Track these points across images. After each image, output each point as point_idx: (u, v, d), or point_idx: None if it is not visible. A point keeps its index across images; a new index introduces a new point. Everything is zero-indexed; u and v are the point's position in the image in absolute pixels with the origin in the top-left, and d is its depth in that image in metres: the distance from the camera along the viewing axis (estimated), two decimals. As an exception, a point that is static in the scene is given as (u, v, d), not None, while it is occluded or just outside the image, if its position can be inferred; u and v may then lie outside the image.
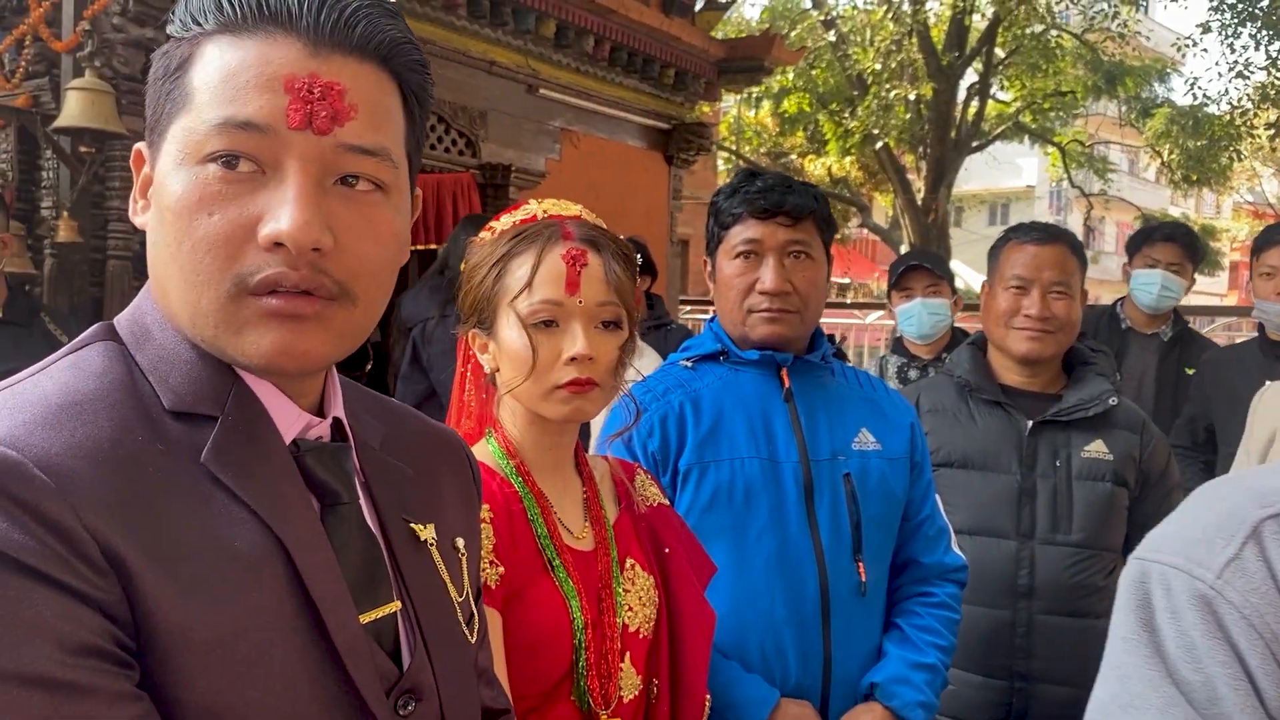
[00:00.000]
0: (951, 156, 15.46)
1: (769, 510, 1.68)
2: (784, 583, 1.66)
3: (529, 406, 1.33)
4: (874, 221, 19.37)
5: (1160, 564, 0.90)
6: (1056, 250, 2.19)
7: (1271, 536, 0.87)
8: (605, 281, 1.32)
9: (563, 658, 1.27)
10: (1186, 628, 0.86)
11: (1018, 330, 2.19)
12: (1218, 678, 0.84)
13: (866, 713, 1.65)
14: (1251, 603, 0.84)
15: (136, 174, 0.81)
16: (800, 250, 1.74)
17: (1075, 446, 2.14)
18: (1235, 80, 13.09)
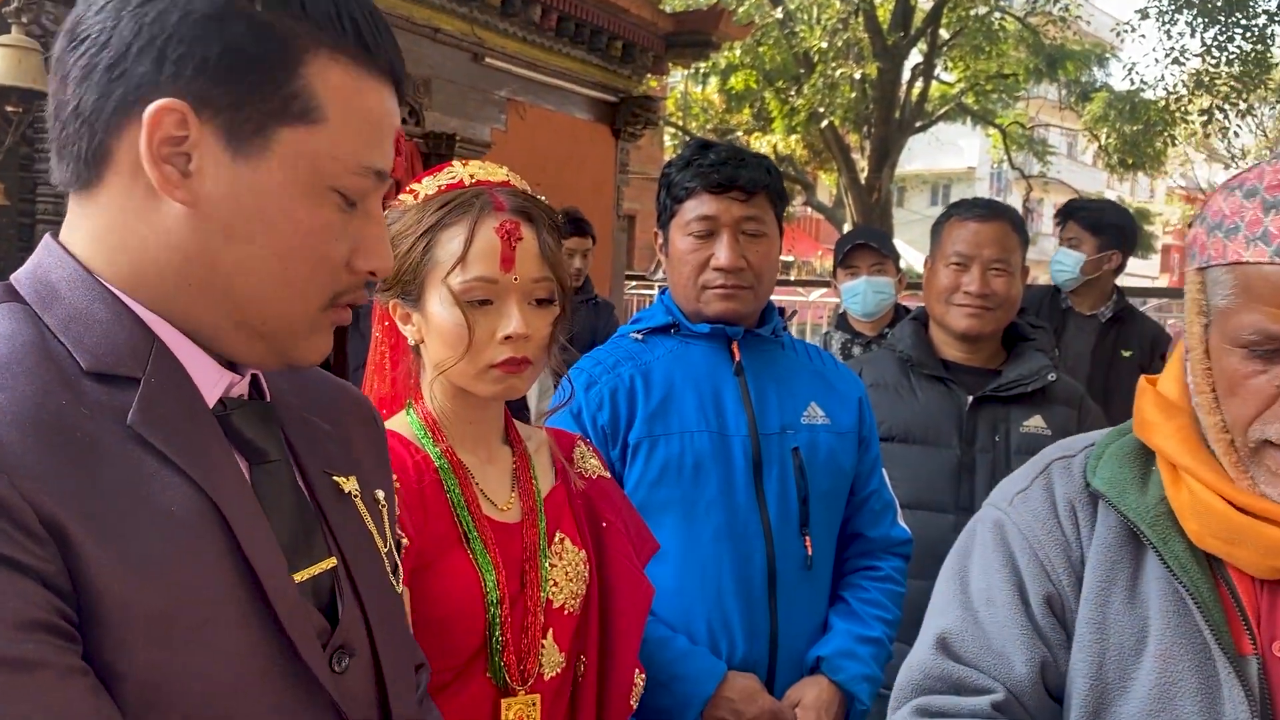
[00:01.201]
0: (895, 136, 15.58)
1: (718, 484, 1.68)
2: (732, 556, 1.67)
3: (459, 384, 1.30)
4: (818, 200, 19.49)
5: (987, 505, 1.14)
6: (997, 227, 2.22)
7: (1058, 473, 1.09)
8: (540, 256, 1.29)
9: (475, 632, 1.24)
10: (983, 546, 1.10)
11: (958, 306, 2.21)
12: (995, 583, 1.06)
13: (812, 686, 1.67)
14: (1028, 523, 1.07)
15: (160, 133, 0.71)
16: (754, 226, 1.74)
17: (1014, 421, 2.18)
18: (1171, 67, 13.39)
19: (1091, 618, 1.01)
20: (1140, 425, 1.06)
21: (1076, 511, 1.06)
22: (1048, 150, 20.04)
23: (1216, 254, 0.96)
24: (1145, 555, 1.01)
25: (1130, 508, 1.01)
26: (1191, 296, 1.00)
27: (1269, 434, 0.93)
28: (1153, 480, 1.02)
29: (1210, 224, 0.98)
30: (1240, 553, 0.95)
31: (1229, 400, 0.96)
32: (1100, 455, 1.07)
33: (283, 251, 0.74)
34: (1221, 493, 0.96)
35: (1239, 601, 0.96)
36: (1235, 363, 0.95)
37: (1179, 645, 0.96)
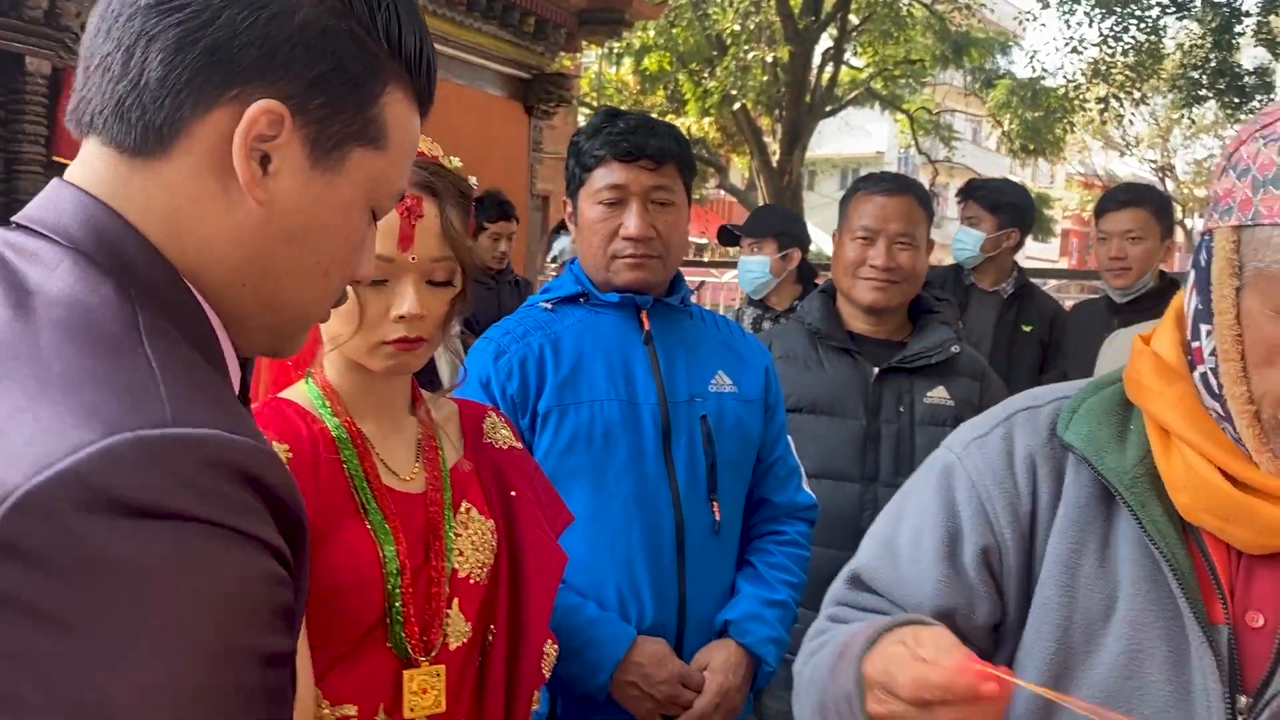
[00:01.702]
0: (806, 120, 15.76)
1: (627, 452, 1.69)
2: (641, 523, 1.68)
3: (352, 358, 1.28)
4: (731, 183, 19.64)
5: (942, 447, 1.11)
6: (903, 202, 2.26)
7: (1021, 423, 1.05)
8: (440, 236, 1.26)
9: (374, 603, 1.22)
10: (926, 487, 1.07)
11: (864, 280, 2.25)
12: (928, 525, 1.04)
13: (720, 649, 1.69)
14: (980, 470, 1.03)
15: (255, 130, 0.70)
16: (663, 195, 1.74)
17: (919, 392, 2.22)
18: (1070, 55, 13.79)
19: (1060, 581, 0.97)
20: (1137, 390, 0.99)
21: (1036, 465, 1.02)
22: (953, 136, 20.51)
23: (1269, 212, 0.86)
24: (1118, 517, 0.97)
25: (1109, 468, 0.96)
26: (1223, 256, 0.89)
27: None
28: (1130, 440, 0.98)
29: (1260, 179, 0.87)
30: (1234, 529, 0.91)
31: (1266, 370, 0.88)
32: (1075, 410, 1.02)
33: (329, 261, 0.78)
34: (1225, 466, 0.91)
35: (1213, 569, 0.93)
36: (1279, 332, 0.87)
37: (1150, 611, 0.93)
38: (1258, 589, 0.92)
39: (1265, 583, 0.92)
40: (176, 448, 0.59)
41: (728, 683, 1.65)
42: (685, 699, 1.63)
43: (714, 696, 1.64)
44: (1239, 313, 0.89)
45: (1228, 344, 0.90)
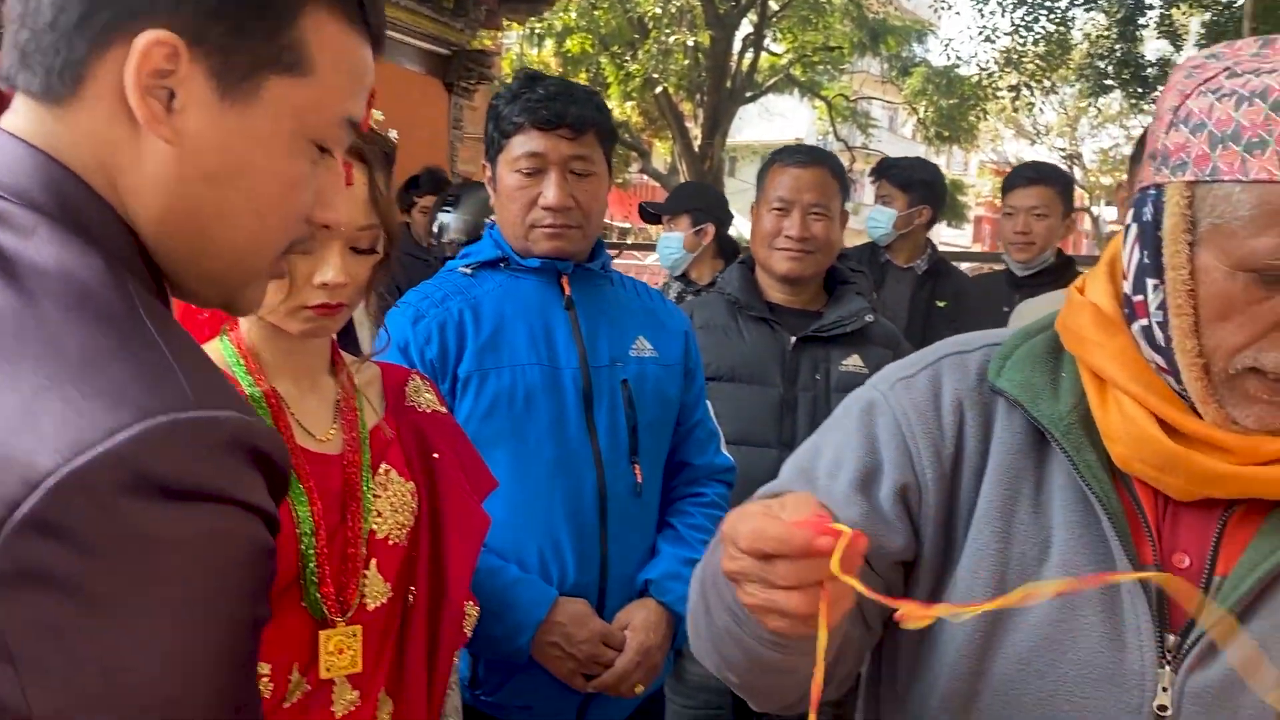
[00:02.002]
0: (727, 105, 15.87)
1: (549, 416, 1.69)
2: (563, 486, 1.68)
3: (270, 319, 1.26)
4: (654, 167, 19.65)
5: (865, 386, 1.10)
6: (817, 173, 2.30)
7: (950, 367, 1.04)
8: (368, 203, 1.25)
9: (287, 564, 1.21)
10: (848, 422, 1.05)
11: (779, 250, 2.29)
12: (847, 458, 1.02)
13: (641, 608, 1.71)
14: (905, 408, 1.02)
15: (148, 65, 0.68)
16: (583, 165, 1.74)
17: (834, 361, 2.27)
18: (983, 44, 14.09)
19: (996, 526, 0.97)
20: (1077, 341, 0.99)
21: (964, 410, 1.01)
22: (870, 123, 20.82)
23: (1229, 169, 0.85)
24: (1050, 463, 0.98)
25: (1044, 414, 0.97)
26: (1177, 212, 0.89)
27: (1263, 362, 0.88)
28: (1062, 388, 0.99)
29: (1218, 135, 0.87)
30: (1169, 479, 0.93)
31: (1219, 325, 0.88)
32: (1007, 356, 1.02)
33: (261, 202, 0.75)
34: (1166, 416, 0.93)
35: (1143, 513, 0.95)
36: (1236, 287, 0.87)
37: (1083, 554, 0.95)
38: (1184, 532, 0.94)
39: (1190, 526, 0.94)
40: (204, 430, 0.62)
41: (649, 641, 1.67)
42: (607, 658, 1.65)
43: (635, 654, 1.66)
44: (1193, 269, 0.89)
45: (1180, 299, 0.90)
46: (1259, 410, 0.89)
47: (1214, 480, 0.91)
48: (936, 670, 0.99)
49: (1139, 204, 0.94)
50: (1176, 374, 0.92)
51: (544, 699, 1.68)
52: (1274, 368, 0.87)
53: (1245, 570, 0.91)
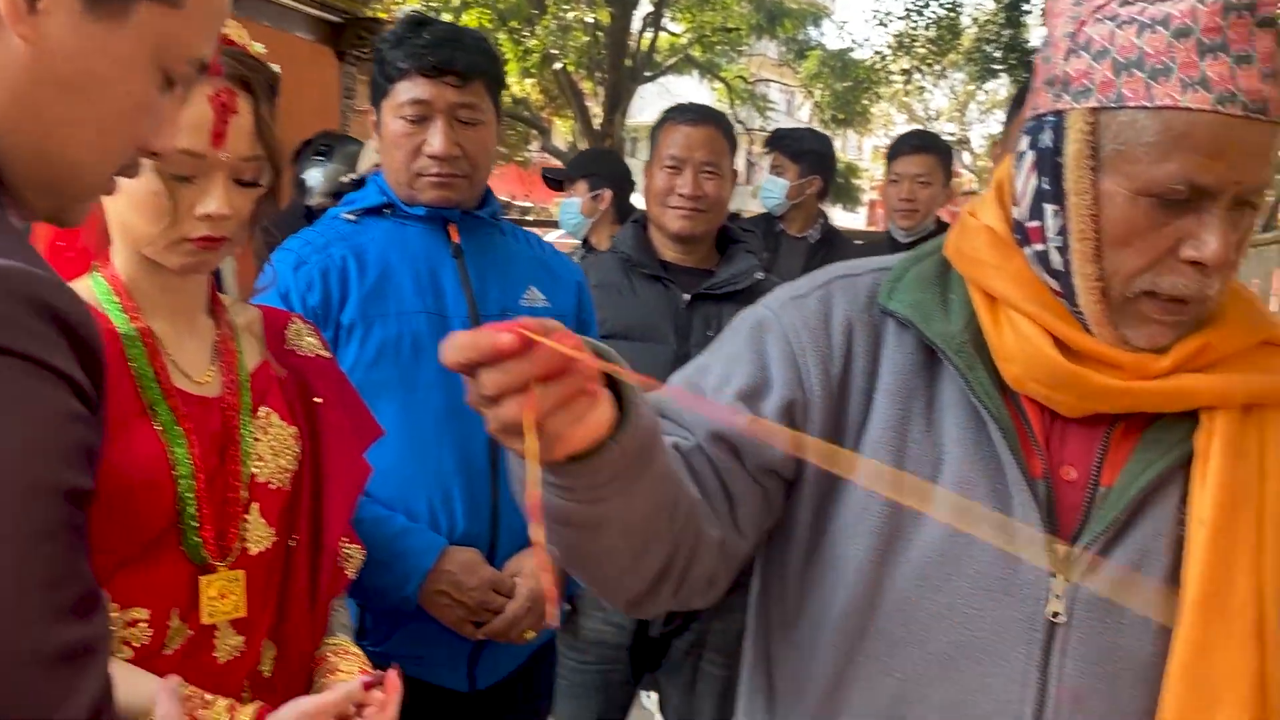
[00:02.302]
0: (627, 84, 15.85)
1: (437, 365, 1.64)
2: (453, 436, 1.66)
3: (148, 253, 1.21)
4: (554, 145, 19.54)
5: (756, 306, 1.09)
6: (708, 131, 2.31)
7: (841, 290, 1.06)
8: (253, 134, 1.21)
9: (164, 506, 1.17)
10: (737, 339, 1.06)
11: (672, 209, 2.30)
12: (736, 373, 1.02)
13: (531, 556, 1.70)
14: (796, 327, 1.03)
15: None
16: (470, 114, 1.71)
17: (726, 318, 2.27)
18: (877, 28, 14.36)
19: (890, 446, 0.98)
20: (971, 264, 1.01)
21: (854, 331, 1.02)
22: (768, 105, 21.06)
23: (1134, 95, 0.87)
24: (941, 381, 1.00)
25: (937, 333, 0.98)
26: (1080, 138, 0.91)
27: (1160, 285, 0.91)
28: (953, 308, 1.00)
29: (1122, 62, 0.88)
30: (1061, 396, 0.96)
31: (1120, 250, 0.91)
32: (899, 279, 1.03)
33: (107, 119, 0.75)
34: (1061, 335, 0.95)
35: (1031, 429, 0.97)
36: (1138, 212, 0.89)
37: (976, 469, 0.96)
38: (1070, 446, 0.98)
39: (1077, 440, 0.98)
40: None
41: (539, 587, 1.66)
42: (497, 605, 1.64)
43: (525, 600, 1.65)
44: (1096, 194, 0.91)
45: (1083, 225, 0.92)
46: (1150, 330, 0.93)
47: (1104, 396, 0.95)
48: (831, 590, 1.00)
49: (1035, 131, 0.96)
50: (1072, 297, 0.95)
51: (434, 648, 1.66)
52: (1169, 290, 0.90)
53: (1128, 480, 0.95)
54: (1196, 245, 0.89)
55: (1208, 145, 0.86)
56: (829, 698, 1.01)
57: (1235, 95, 0.85)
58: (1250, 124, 0.86)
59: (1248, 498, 0.94)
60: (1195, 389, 0.95)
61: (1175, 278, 0.90)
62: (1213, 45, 0.85)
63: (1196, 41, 0.86)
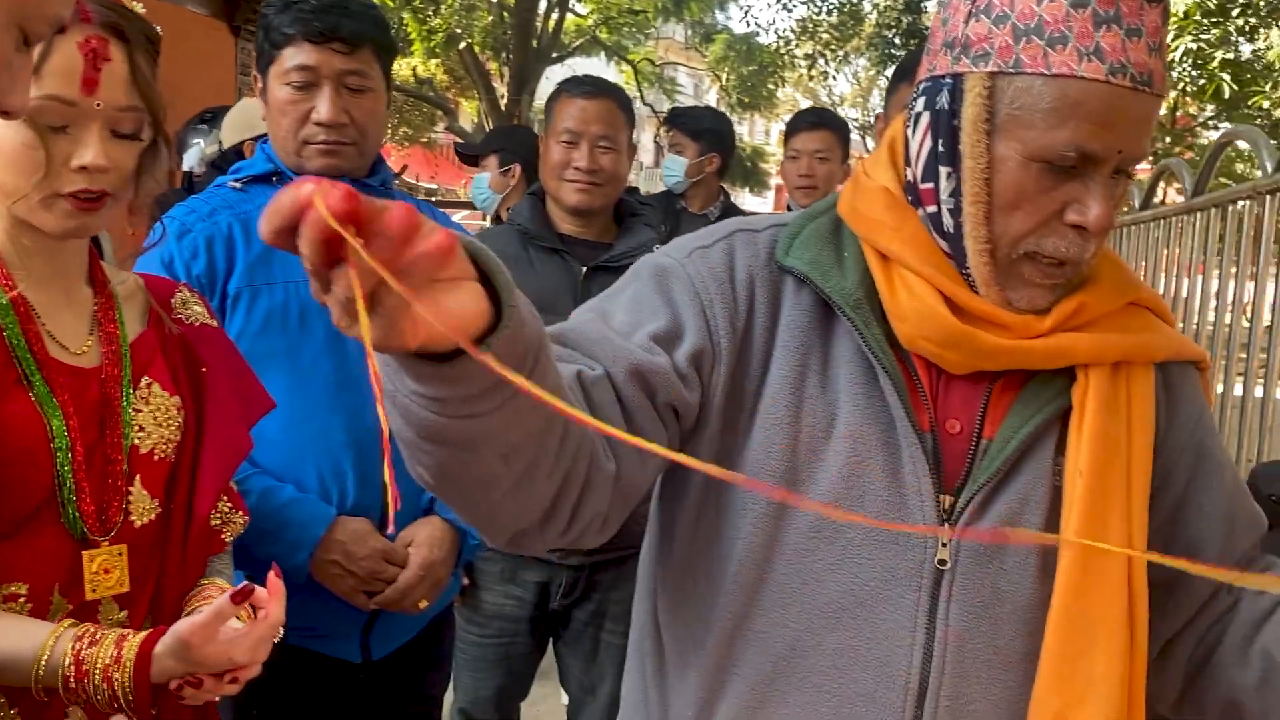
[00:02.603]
0: (534, 65, 15.72)
1: (326, 333, 1.65)
2: (343, 406, 1.64)
3: (22, 213, 1.16)
4: (460, 126, 19.30)
5: (655, 254, 1.07)
6: (604, 105, 2.31)
7: (743, 243, 1.05)
8: (129, 83, 1.17)
9: (41, 479, 1.14)
10: (640, 285, 1.03)
11: (569, 182, 2.30)
12: (644, 319, 1.00)
13: (424, 525, 1.69)
14: (703, 276, 1.02)
15: None
16: (358, 81, 1.68)
17: (625, 289, 2.30)
18: (781, 12, 14.51)
19: (787, 400, 1.00)
20: (868, 224, 1.02)
21: (755, 285, 1.03)
22: (676, 89, 21.11)
23: (1031, 62, 0.89)
24: (837, 336, 1.01)
25: (834, 289, 0.99)
26: (977, 102, 0.92)
27: (1043, 247, 0.94)
28: (847, 266, 1.02)
29: (1022, 28, 0.90)
30: (950, 354, 0.98)
31: (1010, 213, 0.93)
32: (795, 235, 1.04)
33: None
34: (953, 296, 0.97)
35: (920, 384, 1.00)
36: (1029, 178, 0.92)
37: (869, 422, 0.99)
38: (954, 400, 1.01)
39: (960, 395, 1.01)
40: None
41: (432, 556, 1.66)
42: (389, 574, 1.63)
43: (418, 570, 1.64)
44: (990, 158, 0.93)
45: (977, 187, 0.93)
46: (1031, 292, 0.97)
47: (992, 354, 0.98)
48: (727, 543, 1.01)
49: (931, 92, 0.97)
50: (962, 258, 0.97)
51: (326, 620, 1.65)
52: (1051, 252, 0.94)
53: (1009, 433, 0.99)
54: (1080, 210, 0.92)
55: (1099, 114, 0.89)
56: (723, 654, 1.02)
57: (1126, 67, 0.88)
58: (1137, 95, 0.89)
59: (1119, 450, 1.00)
60: (1074, 348, 0.99)
61: (1058, 240, 0.93)
62: (1107, 17, 0.88)
63: (1093, 12, 0.88)
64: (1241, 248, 2.95)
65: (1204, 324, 3.14)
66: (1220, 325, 3.08)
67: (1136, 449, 1.01)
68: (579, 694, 2.41)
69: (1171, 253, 3.69)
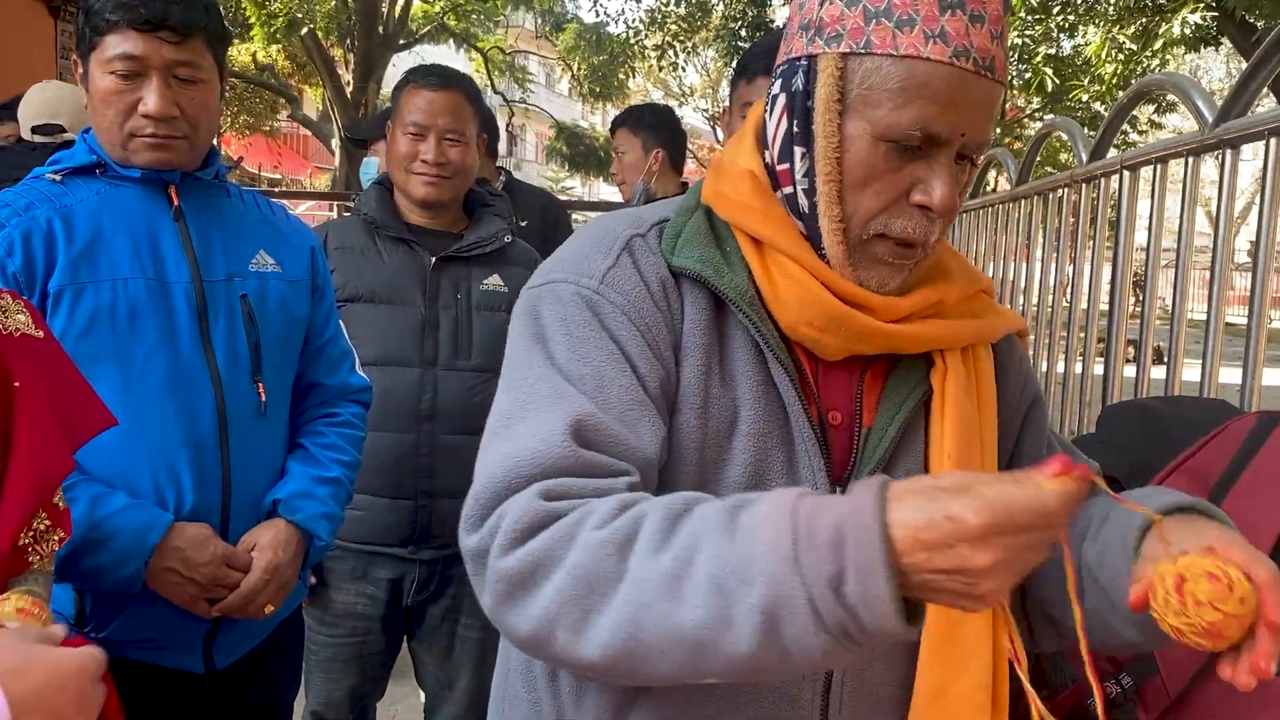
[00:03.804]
0: (380, 52, 15.36)
1: (157, 333, 1.57)
2: (177, 406, 1.57)
3: None
4: (304, 114, 18.70)
5: (550, 284, 1.02)
6: (451, 96, 2.28)
7: (640, 250, 1.03)
8: None
9: None
10: (574, 329, 0.98)
11: (417, 175, 2.26)
12: (602, 366, 0.97)
13: (269, 528, 1.64)
14: (630, 303, 0.99)
15: None
16: (188, 71, 1.60)
17: (475, 280, 2.28)
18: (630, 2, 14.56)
19: (695, 404, 0.99)
20: (739, 209, 1.02)
21: (667, 289, 1.01)
22: (527, 78, 20.97)
23: (881, 43, 0.91)
24: (732, 335, 1.01)
25: (728, 286, 0.99)
26: (830, 82, 0.94)
27: (891, 228, 0.96)
28: (732, 260, 1.01)
29: (872, 10, 0.92)
30: (830, 339, 0.99)
31: (860, 192, 0.95)
32: (679, 234, 1.03)
33: None
34: (826, 280, 0.98)
35: (806, 374, 1.02)
36: (878, 157, 0.93)
37: (769, 420, 0.99)
38: (834, 391, 1.03)
39: (838, 385, 1.03)
40: None
41: (277, 559, 1.61)
42: (231, 580, 1.57)
43: (262, 574, 1.59)
44: (841, 138, 0.94)
45: (830, 166, 0.95)
46: (880, 271, 0.99)
47: (869, 336, 1.00)
48: None
49: (788, 74, 0.99)
50: (818, 238, 0.99)
51: (166, 630, 1.58)
52: (899, 233, 0.96)
53: (887, 420, 1.03)
54: (926, 190, 0.94)
55: (943, 95, 0.91)
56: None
57: (969, 50, 0.91)
58: (979, 79, 0.92)
59: (975, 429, 1.05)
60: (935, 334, 1.03)
61: (905, 220, 0.96)
62: (952, 2, 0.91)
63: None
64: (1060, 232, 3.14)
65: (1029, 305, 3.32)
66: (1043, 306, 3.27)
67: (986, 427, 1.06)
68: (436, 690, 2.38)
69: (999, 238, 3.89)
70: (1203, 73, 27.97)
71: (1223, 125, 2.01)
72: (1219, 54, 19.30)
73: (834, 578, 0.75)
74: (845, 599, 0.74)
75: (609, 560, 0.82)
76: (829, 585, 0.75)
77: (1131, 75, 10.25)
